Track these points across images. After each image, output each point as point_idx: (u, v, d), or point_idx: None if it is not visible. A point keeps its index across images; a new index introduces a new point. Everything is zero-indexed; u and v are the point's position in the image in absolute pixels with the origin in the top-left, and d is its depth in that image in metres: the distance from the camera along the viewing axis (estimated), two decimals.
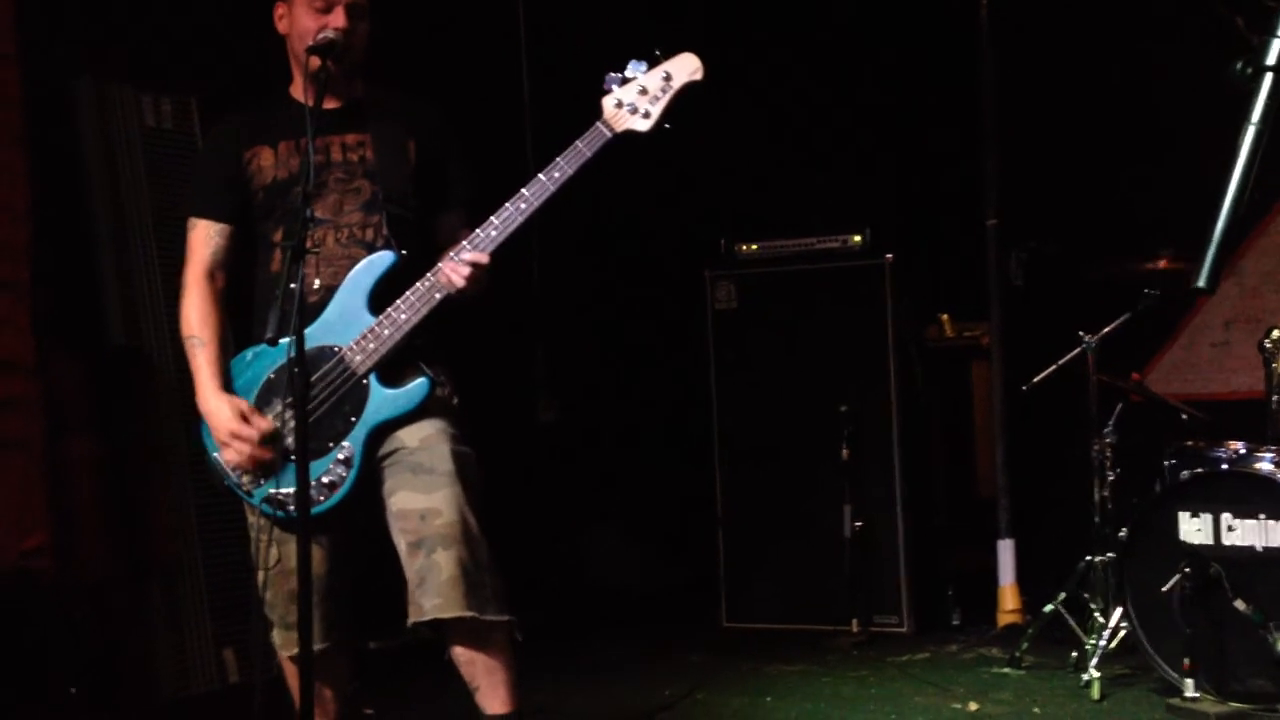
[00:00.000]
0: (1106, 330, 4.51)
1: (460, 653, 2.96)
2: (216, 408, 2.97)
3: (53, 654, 4.09)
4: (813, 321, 5.39)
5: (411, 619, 2.91)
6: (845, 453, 5.18)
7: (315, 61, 2.87)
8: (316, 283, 2.98)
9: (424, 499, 2.91)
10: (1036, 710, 4.10)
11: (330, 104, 3.02)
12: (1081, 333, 4.52)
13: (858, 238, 5.39)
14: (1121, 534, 4.22)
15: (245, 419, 2.94)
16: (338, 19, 2.98)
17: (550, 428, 6.08)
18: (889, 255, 5.30)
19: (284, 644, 3.06)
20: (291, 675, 3.05)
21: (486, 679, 2.96)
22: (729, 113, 5.57)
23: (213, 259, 3.08)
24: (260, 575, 2.96)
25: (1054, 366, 4.63)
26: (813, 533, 5.29)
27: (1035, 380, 4.68)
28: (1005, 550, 5.26)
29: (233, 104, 3.27)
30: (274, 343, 2.78)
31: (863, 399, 5.25)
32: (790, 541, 5.36)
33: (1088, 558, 4.44)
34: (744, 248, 5.55)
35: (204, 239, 3.08)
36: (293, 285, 2.68)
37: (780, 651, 5.02)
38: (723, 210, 6.02)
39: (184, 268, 3.10)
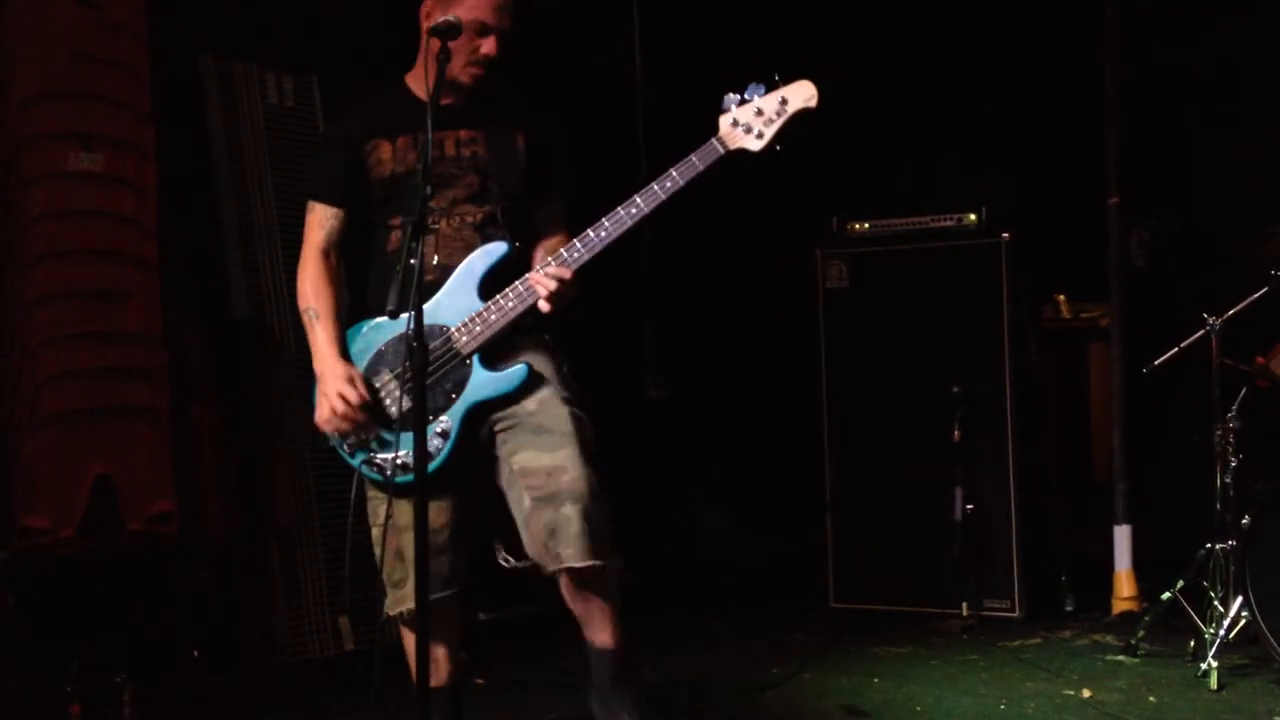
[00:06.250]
0: (1231, 312, 4.38)
1: (578, 593, 3.13)
2: (330, 368, 3.13)
3: (178, 617, 4.22)
4: (925, 301, 5.32)
5: (550, 568, 3.07)
6: (957, 434, 5.11)
7: (436, 43, 2.97)
8: (435, 260, 3.14)
9: (549, 457, 3.08)
10: (1152, 699, 4.03)
11: (445, 100, 3.16)
12: (1205, 314, 4.40)
13: (973, 216, 5.30)
14: (1244, 521, 4.11)
15: (352, 383, 3.09)
16: (490, 46, 3.14)
17: (659, 405, 6.10)
18: (1005, 234, 5.21)
19: (391, 603, 3.19)
20: (403, 635, 3.21)
21: (600, 617, 3.15)
22: (842, 90, 5.50)
23: (327, 240, 3.25)
24: (374, 531, 3.16)
25: (1176, 349, 4.51)
26: (923, 514, 5.24)
27: (1156, 363, 4.57)
28: (1122, 536, 5.16)
29: (354, 83, 3.36)
30: (394, 315, 2.91)
31: (976, 380, 5.17)
32: (899, 523, 5.30)
33: (1208, 545, 4.34)
34: (856, 226, 5.49)
35: (320, 221, 3.25)
36: (412, 261, 2.77)
37: (888, 633, 4.99)
38: (834, 188, 5.97)
39: (302, 246, 3.27)
